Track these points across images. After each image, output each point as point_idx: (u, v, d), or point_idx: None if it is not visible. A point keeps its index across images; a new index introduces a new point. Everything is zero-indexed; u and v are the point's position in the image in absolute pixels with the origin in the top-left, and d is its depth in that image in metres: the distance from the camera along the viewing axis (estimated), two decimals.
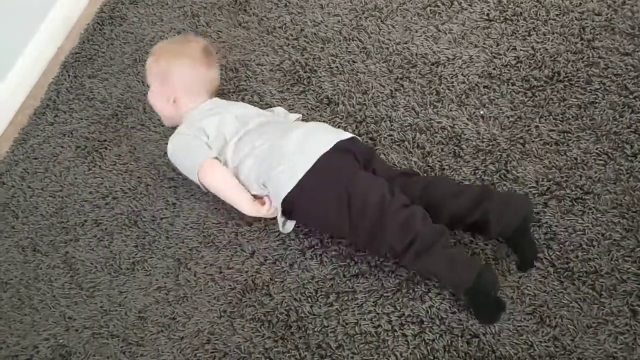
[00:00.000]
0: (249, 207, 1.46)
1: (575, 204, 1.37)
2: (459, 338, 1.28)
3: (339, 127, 1.58)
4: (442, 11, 1.71)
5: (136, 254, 1.55)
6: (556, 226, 1.35)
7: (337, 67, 1.69)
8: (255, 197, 1.46)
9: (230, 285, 1.45)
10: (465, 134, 1.51)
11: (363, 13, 1.77)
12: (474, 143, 1.50)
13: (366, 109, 1.60)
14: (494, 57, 1.60)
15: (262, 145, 1.42)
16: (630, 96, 1.47)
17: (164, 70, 1.57)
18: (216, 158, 1.47)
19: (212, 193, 1.51)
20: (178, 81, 1.56)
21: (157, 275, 1.51)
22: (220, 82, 1.68)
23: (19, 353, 1.48)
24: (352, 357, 1.30)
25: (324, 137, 1.39)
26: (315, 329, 1.35)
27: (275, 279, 1.43)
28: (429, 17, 1.71)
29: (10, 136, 1.87)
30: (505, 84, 1.56)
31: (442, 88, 1.59)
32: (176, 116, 1.58)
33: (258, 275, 1.44)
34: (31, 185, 1.73)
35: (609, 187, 1.37)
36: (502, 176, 1.44)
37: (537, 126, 1.48)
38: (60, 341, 1.48)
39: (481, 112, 1.52)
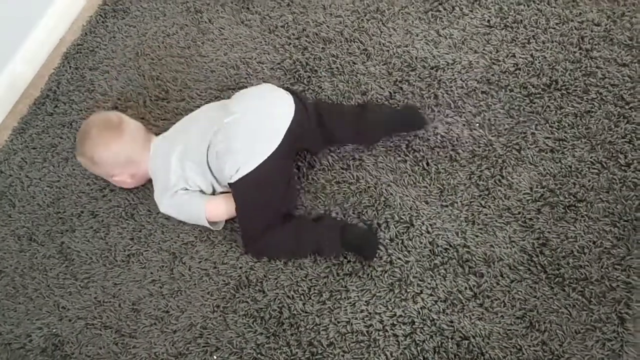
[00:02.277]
0: None
1: (568, 211, 1.39)
2: (449, 340, 1.29)
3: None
4: (443, 16, 1.72)
5: (132, 247, 1.56)
6: (548, 232, 1.37)
7: (337, 67, 1.70)
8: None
9: (224, 281, 1.46)
10: (461, 139, 1.52)
11: (365, 15, 1.78)
12: (470, 148, 1.51)
13: None
14: (493, 63, 1.62)
15: (219, 148, 1.42)
16: (626, 107, 1.49)
17: (99, 163, 1.54)
18: (202, 191, 1.50)
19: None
20: (116, 162, 1.53)
21: (152, 268, 1.52)
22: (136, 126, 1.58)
23: (12, 341, 1.49)
24: (343, 356, 1.32)
25: (269, 132, 1.42)
26: (308, 327, 1.36)
27: (269, 276, 1.44)
28: (430, 22, 1.73)
29: (9, 125, 1.88)
30: (503, 90, 1.57)
31: (441, 92, 1.60)
32: (146, 175, 1.58)
33: (252, 272, 1.45)
34: (29, 175, 1.73)
35: (601, 195, 1.39)
36: (497, 181, 1.45)
37: (533, 133, 1.50)
38: (54, 330, 1.49)
39: (477, 123, 1.53)
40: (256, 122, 1.42)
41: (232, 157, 1.39)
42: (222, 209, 1.47)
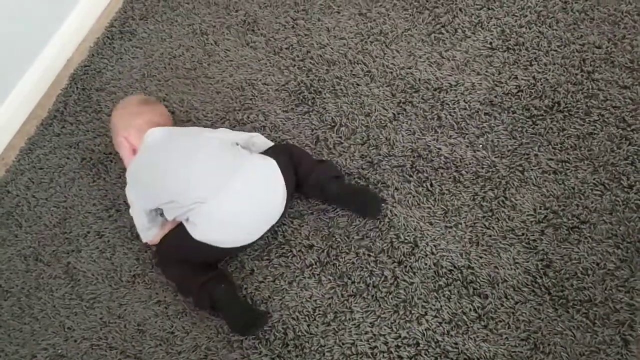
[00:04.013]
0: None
1: (571, 232, 1.40)
2: None
3: (341, 149, 1.61)
4: (446, 38, 1.74)
5: (137, 267, 1.56)
6: (552, 254, 1.38)
7: (341, 89, 1.72)
8: None
9: None
10: (465, 160, 1.54)
11: (368, 37, 1.80)
12: (474, 169, 1.52)
13: (369, 131, 1.63)
14: (496, 85, 1.63)
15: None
16: (628, 129, 1.50)
17: (112, 117, 1.67)
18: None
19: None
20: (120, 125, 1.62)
21: (157, 289, 1.52)
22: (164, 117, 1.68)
23: None
24: None
25: (264, 212, 1.45)
26: (312, 348, 1.37)
27: (274, 297, 1.45)
28: (432, 44, 1.75)
29: (16, 145, 1.89)
30: (506, 112, 1.59)
31: (444, 114, 1.62)
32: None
33: (257, 292, 1.46)
34: (36, 195, 1.75)
35: (604, 217, 1.40)
36: (501, 203, 1.46)
37: (536, 155, 1.51)
38: (59, 351, 1.49)
39: (480, 145, 1.55)
40: (254, 202, 1.42)
41: (205, 223, 1.40)
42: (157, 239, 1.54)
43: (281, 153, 1.51)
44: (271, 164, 1.45)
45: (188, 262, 1.45)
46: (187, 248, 1.42)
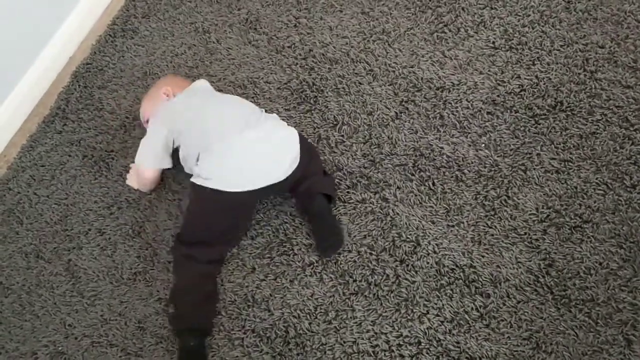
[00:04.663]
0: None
1: (574, 232, 1.39)
2: None
3: (343, 148, 1.61)
4: (449, 37, 1.74)
5: (138, 265, 1.56)
6: (555, 253, 1.37)
7: (343, 87, 1.72)
8: None
9: (230, 299, 1.46)
10: (467, 159, 1.53)
11: (371, 36, 1.80)
12: (476, 168, 1.52)
13: (371, 130, 1.63)
14: (498, 84, 1.63)
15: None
16: (631, 128, 1.50)
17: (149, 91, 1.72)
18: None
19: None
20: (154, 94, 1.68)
21: (158, 286, 1.52)
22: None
23: (17, 359, 1.49)
24: None
25: (267, 166, 1.46)
26: (314, 346, 1.36)
27: (275, 295, 1.44)
28: (435, 43, 1.74)
29: (18, 143, 1.89)
30: (509, 111, 1.58)
31: (447, 112, 1.61)
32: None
33: (258, 291, 1.46)
34: (37, 192, 1.74)
35: (607, 216, 1.39)
36: (503, 202, 1.46)
37: (538, 154, 1.51)
38: (60, 348, 1.49)
39: (482, 144, 1.55)
40: (261, 154, 1.45)
41: (214, 162, 1.44)
42: (133, 179, 1.67)
43: (305, 140, 1.55)
44: (293, 133, 1.52)
45: (199, 267, 1.46)
46: (206, 214, 1.46)
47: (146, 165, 1.58)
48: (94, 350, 1.47)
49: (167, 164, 1.58)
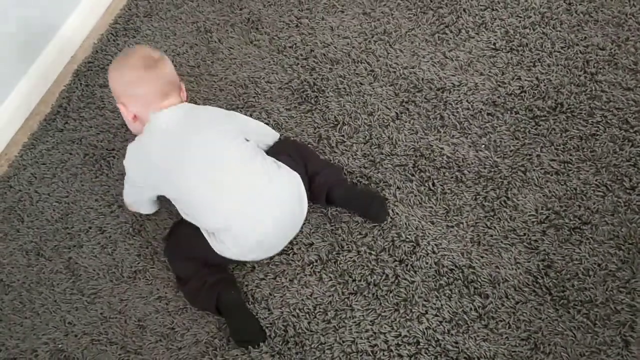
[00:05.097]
0: None
1: (573, 233, 1.39)
2: None
3: (343, 148, 1.61)
4: (450, 38, 1.75)
5: (138, 263, 1.57)
6: (553, 254, 1.38)
7: (344, 88, 1.72)
8: None
9: None
10: (467, 160, 1.54)
11: (372, 37, 1.80)
12: (476, 169, 1.52)
13: (371, 130, 1.63)
14: (499, 85, 1.64)
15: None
16: (631, 130, 1.50)
17: (109, 80, 1.54)
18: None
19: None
20: (120, 90, 1.49)
21: (158, 285, 1.52)
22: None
23: (17, 356, 1.50)
24: None
25: (287, 233, 1.47)
26: (313, 346, 1.37)
27: (275, 294, 1.45)
28: (436, 44, 1.75)
29: (19, 141, 1.90)
30: (509, 112, 1.59)
31: (447, 113, 1.62)
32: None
33: (258, 290, 1.46)
34: (38, 190, 1.75)
35: (606, 218, 1.40)
36: (503, 203, 1.46)
37: (538, 155, 1.51)
38: (59, 346, 1.49)
39: (482, 145, 1.55)
40: (278, 221, 1.42)
41: (229, 243, 1.40)
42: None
43: (294, 156, 1.50)
44: (296, 181, 1.44)
45: (198, 258, 1.46)
46: (202, 251, 1.43)
47: (133, 209, 1.60)
48: (93, 348, 1.47)
49: (157, 207, 1.61)
